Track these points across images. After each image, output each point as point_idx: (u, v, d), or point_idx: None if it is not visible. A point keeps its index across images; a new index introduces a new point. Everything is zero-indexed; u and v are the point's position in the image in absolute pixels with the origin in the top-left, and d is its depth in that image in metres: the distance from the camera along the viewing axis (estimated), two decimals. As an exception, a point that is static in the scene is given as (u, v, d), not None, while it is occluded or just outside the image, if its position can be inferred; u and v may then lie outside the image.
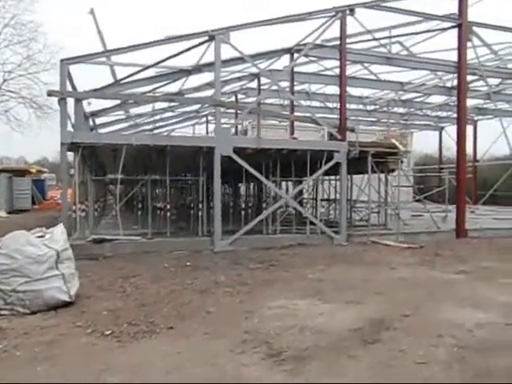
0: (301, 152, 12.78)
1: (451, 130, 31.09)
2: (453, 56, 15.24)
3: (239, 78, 18.51)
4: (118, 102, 15.62)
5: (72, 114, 12.09)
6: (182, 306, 5.28)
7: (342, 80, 13.35)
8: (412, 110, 27.17)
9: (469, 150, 30.86)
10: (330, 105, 25.60)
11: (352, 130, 13.54)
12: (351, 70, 19.39)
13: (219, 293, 5.94)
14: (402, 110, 27.62)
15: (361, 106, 25.51)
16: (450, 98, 23.72)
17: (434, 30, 15.30)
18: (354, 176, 16.62)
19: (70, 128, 11.43)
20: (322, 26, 13.50)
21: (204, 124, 26.40)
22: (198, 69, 14.20)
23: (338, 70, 19.13)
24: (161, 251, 10.19)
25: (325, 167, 12.60)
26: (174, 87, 16.85)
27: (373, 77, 20.02)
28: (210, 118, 24.96)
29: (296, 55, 15.56)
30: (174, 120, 24.10)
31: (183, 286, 6.28)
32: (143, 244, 11.11)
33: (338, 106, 25.39)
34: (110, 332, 4.29)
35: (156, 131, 23.27)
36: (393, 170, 14.72)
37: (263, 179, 12.49)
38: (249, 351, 3.82)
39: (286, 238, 12.25)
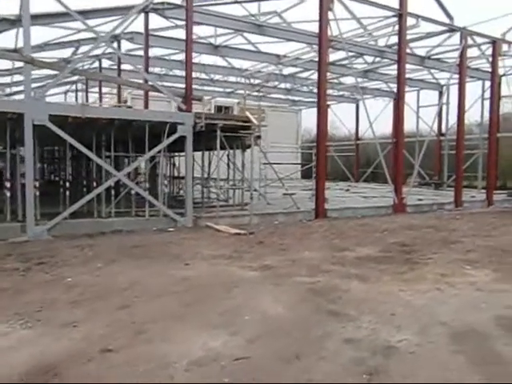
0: (138, 123, 11.19)
1: (336, 108, 31.12)
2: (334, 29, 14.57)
3: (94, 39, 16.29)
4: None
5: None
6: None
7: (187, 44, 11.81)
8: (297, 85, 26.49)
9: (352, 128, 31.31)
10: (213, 77, 24.10)
11: (199, 100, 12.15)
12: (224, 38, 17.93)
13: None
14: (287, 86, 26.87)
15: (241, 80, 24.24)
16: (331, 75, 23.28)
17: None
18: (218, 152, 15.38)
19: None
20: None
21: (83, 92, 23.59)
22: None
23: (217, 39, 17.72)
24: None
25: (167, 141, 11.13)
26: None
27: (251, 47, 18.79)
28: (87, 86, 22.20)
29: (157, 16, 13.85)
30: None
31: None
32: None
33: (219, 78, 24.22)
34: None
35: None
36: (249, 146, 13.63)
37: (90, 154, 10.68)
38: None
39: (121, 222, 10.67)
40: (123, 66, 17.85)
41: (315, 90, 27.69)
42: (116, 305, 4.55)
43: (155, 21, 15.63)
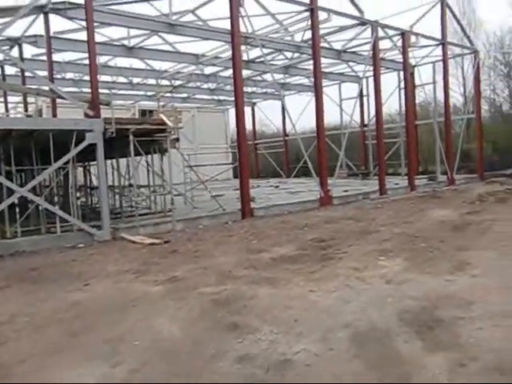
0: (41, 133, 10.36)
1: (263, 106, 31.16)
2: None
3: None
4: None
5: None
6: None
7: (90, 45, 11.03)
8: (221, 84, 26.12)
9: (279, 124, 31.47)
10: (135, 80, 23.20)
11: (107, 104, 11.48)
12: (139, 39, 17.12)
13: None
14: (209, 86, 26.45)
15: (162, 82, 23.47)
16: (253, 72, 23.15)
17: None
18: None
19: None
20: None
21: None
22: None
23: (132, 41, 16.88)
24: None
25: (75, 150, 10.39)
26: None
27: (169, 48, 18.18)
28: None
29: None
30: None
31: None
32: None
33: (138, 81, 23.33)
34: None
35: None
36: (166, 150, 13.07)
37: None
38: None
39: (29, 242, 9.78)
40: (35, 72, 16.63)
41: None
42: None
43: (61, 23, 14.68)
